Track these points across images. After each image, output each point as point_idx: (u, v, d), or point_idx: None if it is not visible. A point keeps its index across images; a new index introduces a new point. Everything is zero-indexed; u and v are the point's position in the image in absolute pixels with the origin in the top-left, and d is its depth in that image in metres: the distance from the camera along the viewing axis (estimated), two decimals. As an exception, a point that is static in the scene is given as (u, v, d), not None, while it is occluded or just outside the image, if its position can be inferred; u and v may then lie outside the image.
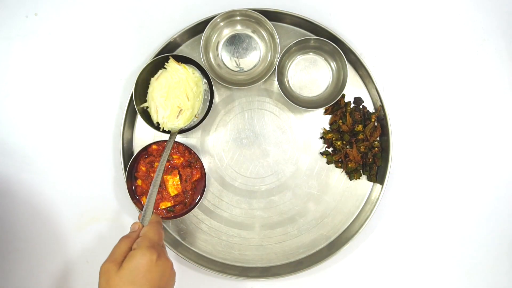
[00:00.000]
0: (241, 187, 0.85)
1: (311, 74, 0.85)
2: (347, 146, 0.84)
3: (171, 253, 0.83)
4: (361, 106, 0.85)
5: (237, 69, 0.85)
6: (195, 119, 0.78)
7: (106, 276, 0.56)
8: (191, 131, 0.83)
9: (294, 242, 0.84)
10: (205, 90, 0.79)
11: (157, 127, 0.79)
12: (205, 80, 0.79)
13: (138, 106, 0.79)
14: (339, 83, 0.83)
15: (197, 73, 0.79)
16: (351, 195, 0.85)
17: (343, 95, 0.84)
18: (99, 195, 0.85)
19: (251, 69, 0.84)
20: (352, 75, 0.85)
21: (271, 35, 0.82)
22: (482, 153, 0.86)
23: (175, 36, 0.83)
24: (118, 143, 0.83)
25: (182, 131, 0.80)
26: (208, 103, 0.80)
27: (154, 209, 0.80)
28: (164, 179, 0.79)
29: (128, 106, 0.82)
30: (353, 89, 0.85)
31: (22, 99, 0.86)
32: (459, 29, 0.87)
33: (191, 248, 0.85)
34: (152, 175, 0.80)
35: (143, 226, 0.65)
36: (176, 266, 0.85)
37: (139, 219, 0.68)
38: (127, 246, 0.60)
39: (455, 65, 0.87)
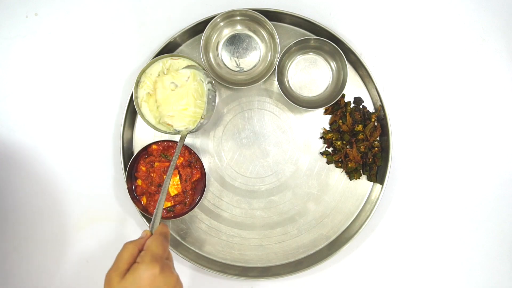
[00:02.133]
0: (241, 187, 0.85)
1: (311, 74, 0.85)
2: (347, 146, 0.84)
3: (171, 253, 0.83)
4: (361, 106, 0.85)
5: (237, 69, 0.85)
6: (201, 121, 0.76)
7: (109, 286, 0.57)
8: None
9: (294, 242, 0.85)
10: (209, 89, 0.78)
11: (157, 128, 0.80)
12: (209, 79, 0.78)
13: (139, 108, 0.79)
14: (339, 83, 0.83)
15: (201, 74, 0.79)
16: (351, 195, 0.85)
17: (343, 95, 0.84)
18: (99, 195, 0.85)
19: (251, 69, 0.84)
20: (352, 75, 0.85)
21: (271, 35, 0.82)
22: (482, 153, 0.86)
23: (175, 36, 0.83)
24: (118, 143, 0.83)
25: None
26: (213, 104, 0.79)
27: (153, 209, 0.80)
28: (164, 179, 0.79)
29: (128, 106, 0.82)
30: (353, 89, 0.85)
31: (22, 99, 0.86)
32: (459, 29, 0.87)
33: (191, 248, 0.85)
34: (152, 175, 0.80)
35: (151, 235, 0.64)
36: (176, 266, 0.85)
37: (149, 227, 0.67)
38: (130, 253, 0.59)
39: (455, 65, 0.87)
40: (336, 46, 0.80)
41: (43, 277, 0.85)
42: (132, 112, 0.84)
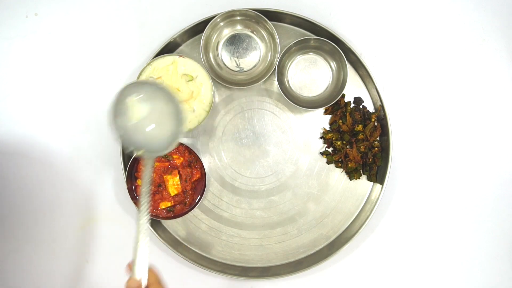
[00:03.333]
0: (241, 187, 0.85)
1: (311, 74, 0.85)
2: (347, 146, 0.84)
3: (171, 253, 0.84)
4: (361, 106, 0.85)
5: (237, 69, 0.85)
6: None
7: None
8: (191, 131, 0.83)
9: (294, 242, 0.84)
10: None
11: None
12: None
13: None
14: (339, 83, 0.83)
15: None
16: (351, 195, 0.85)
17: (343, 95, 0.84)
18: (99, 195, 0.85)
19: (251, 69, 0.84)
20: (352, 75, 0.85)
21: (271, 35, 0.82)
22: (482, 153, 0.86)
23: (175, 36, 0.83)
24: (118, 143, 0.83)
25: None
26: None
27: (153, 209, 0.80)
28: (164, 179, 0.79)
29: (128, 106, 0.82)
30: (353, 89, 0.85)
31: (22, 99, 0.86)
32: (459, 29, 0.87)
33: (191, 248, 0.85)
34: (152, 175, 0.79)
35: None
36: (176, 266, 0.85)
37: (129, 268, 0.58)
38: None
39: (455, 65, 0.87)
40: (336, 46, 0.80)
41: (43, 277, 0.85)
42: (132, 112, 0.84)
